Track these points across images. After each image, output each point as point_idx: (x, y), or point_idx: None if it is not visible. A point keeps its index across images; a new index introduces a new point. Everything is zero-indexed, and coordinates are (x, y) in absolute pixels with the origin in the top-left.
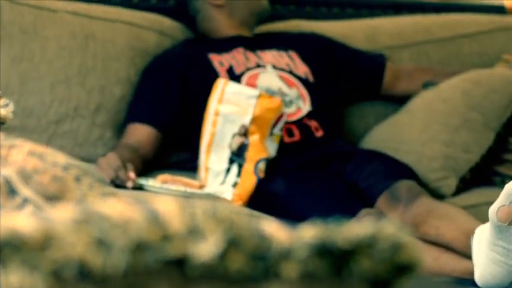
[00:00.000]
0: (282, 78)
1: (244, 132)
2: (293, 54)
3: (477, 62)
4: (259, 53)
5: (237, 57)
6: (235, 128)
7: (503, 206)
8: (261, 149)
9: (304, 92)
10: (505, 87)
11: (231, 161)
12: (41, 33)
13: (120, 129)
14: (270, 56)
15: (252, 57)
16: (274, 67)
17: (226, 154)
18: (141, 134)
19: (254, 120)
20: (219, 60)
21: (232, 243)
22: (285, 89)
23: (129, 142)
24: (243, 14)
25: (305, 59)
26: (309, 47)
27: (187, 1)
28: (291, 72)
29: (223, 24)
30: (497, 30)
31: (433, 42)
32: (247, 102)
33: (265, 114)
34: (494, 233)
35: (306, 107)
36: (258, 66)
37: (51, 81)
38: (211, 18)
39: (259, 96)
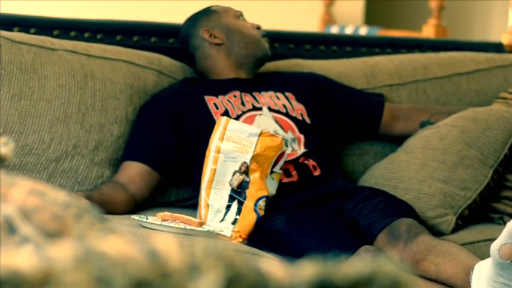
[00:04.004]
0: (277, 120)
1: (245, 170)
2: (289, 95)
3: (475, 100)
4: (256, 94)
5: (232, 101)
6: (236, 166)
7: (506, 244)
8: (262, 186)
9: (299, 135)
10: (501, 124)
11: (232, 198)
12: (40, 72)
13: (118, 168)
14: (266, 97)
15: (248, 100)
16: (270, 109)
17: (226, 191)
18: (133, 171)
19: (255, 158)
20: (214, 103)
21: (231, 281)
22: (280, 131)
23: (120, 179)
24: (240, 56)
25: (301, 99)
26: (305, 88)
27: (187, 37)
28: (287, 114)
29: (220, 64)
30: (495, 68)
31: (431, 80)
32: (248, 140)
33: (266, 152)
34: (495, 270)
35: (300, 149)
36: (254, 108)
37: (50, 120)
38: (209, 56)
39: (261, 134)
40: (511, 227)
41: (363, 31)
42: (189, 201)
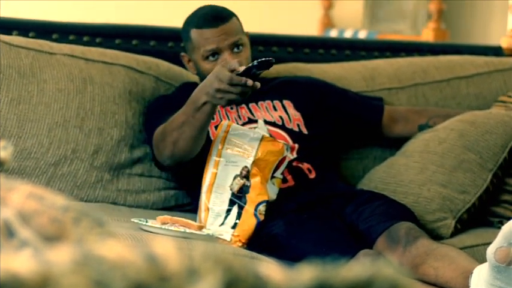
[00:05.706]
0: (271, 134)
1: (246, 174)
2: (287, 103)
3: (474, 104)
4: (252, 106)
5: (228, 113)
6: (237, 170)
7: (502, 247)
8: (262, 191)
9: (294, 145)
10: (500, 128)
11: (232, 203)
12: (38, 76)
13: (118, 172)
14: (263, 109)
15: (244, 114)
16: (266, 121)
17: (227, 195)
18: None
19: (256, 162)
20: None
21: (230, 284)
22: None
23: None
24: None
25: (299, 107)
26: (303, 94)
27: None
28: (282, 127)
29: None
30: (494, 71)
31: (430, 84)
32: (250, 145)
33: (267, 157)
34: (491, 274)
35: (293, 155)
36: (250, 121)
37: (49, 124)
38: None
39: (262, 138)
40: (506, 230)
41: (362, 34)
42: (188, 207)
